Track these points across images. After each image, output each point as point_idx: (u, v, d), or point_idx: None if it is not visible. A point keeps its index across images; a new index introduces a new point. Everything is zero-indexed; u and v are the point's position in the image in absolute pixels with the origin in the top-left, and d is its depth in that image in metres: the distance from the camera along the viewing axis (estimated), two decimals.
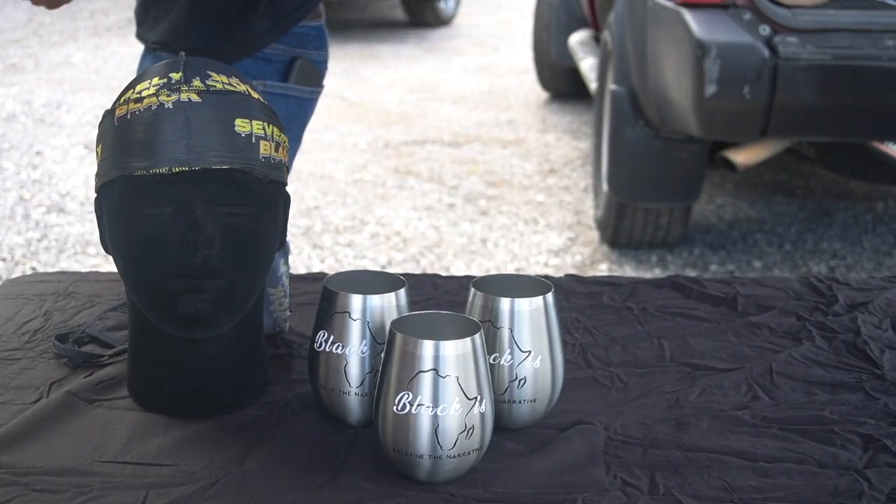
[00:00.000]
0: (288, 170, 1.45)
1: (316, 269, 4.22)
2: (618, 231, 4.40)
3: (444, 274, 1.89)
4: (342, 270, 1.45)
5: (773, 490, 1.19)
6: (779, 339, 1.56)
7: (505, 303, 1.28)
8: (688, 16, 3.74)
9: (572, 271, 4.12)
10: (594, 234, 4.65)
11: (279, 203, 1.35)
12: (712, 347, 1.53)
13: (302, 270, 4.12)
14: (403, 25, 9.97)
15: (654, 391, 1.41)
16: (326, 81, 1.80)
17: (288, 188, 1.37)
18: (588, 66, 5.36)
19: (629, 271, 4.25)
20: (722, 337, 1.57)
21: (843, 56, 3.62)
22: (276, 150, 1.33)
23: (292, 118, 1.70)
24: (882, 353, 1.51)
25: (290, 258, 4.32)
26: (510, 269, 4.27)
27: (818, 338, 1.56)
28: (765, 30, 3.67)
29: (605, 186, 4.43)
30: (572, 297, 1.70)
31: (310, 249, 4.49)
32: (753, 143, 4.05)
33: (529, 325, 1.28)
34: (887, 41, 3.65)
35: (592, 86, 5.07)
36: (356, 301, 1.29)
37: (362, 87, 7.53)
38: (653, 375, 1.45)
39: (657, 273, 4.24)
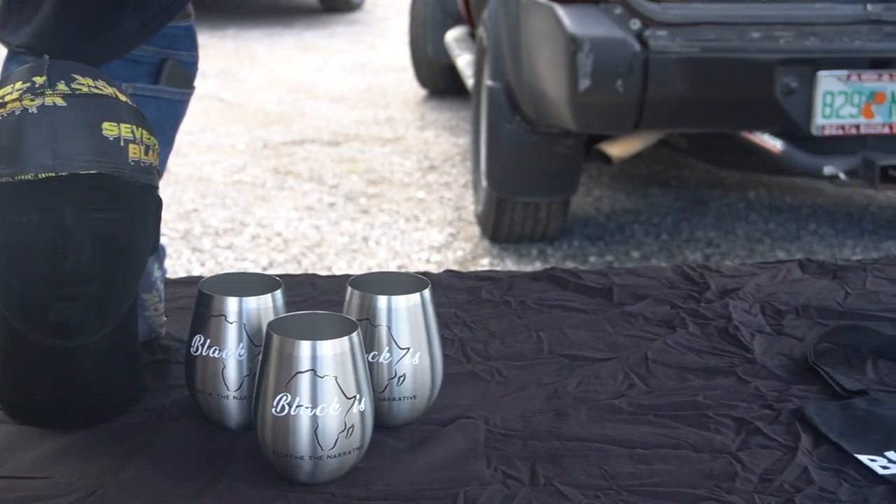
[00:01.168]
0: (160, 173, 1.43)
1: (196, 272, 4.17)
2: (498, 226, 4.44)
3: (326, 274, 1.88)
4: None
5: (650, 476, 1.21)
6: (653, 328, 1.59)
7: (382, 300, 1.28)
8: (560, 11, 3.78)
9: (454, 267, 4.14)
10: (475, 230, 4.68)
11: (150, 207, 1.34)
12: (589, 338, 1.56)
13: (182, 274, 4.07)
14: (282, 24, 9.90)
15: (533, 383, 1.42)
16: (202, 83, 1.78)
17: (164, 191, 1.35)
18: (464, 62, 5.39)
19: (510, 265, 4.29)
20: (598, 327, 1.59)
21: (711, 49, 3.70)
22: (146, 153, 1.31)
23: (164, 120, 1.67)
24: (753, 337, 1.55)
25: (169, 263, 4.26)
26: (392, 267, 4.28)
27: (691, 325, 1.59)
28: (635, 24, 3.73)
29: (484, 182, 4.46)
30: (451, 292, 1.71)
31: (189, 253, 4.44)
32: (628, 135, 4.12)
33: (407, 322, 1.29)
34: (753, 33, 3.74)
35: (469, 82, 5.10)
36: (232, 304, 1.27)
37: (239, 87, 7.45)
38: (531, 368, 1.47)
39: (538, 266, 4.29)
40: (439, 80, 7.02)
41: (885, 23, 3.82)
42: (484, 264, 4.32)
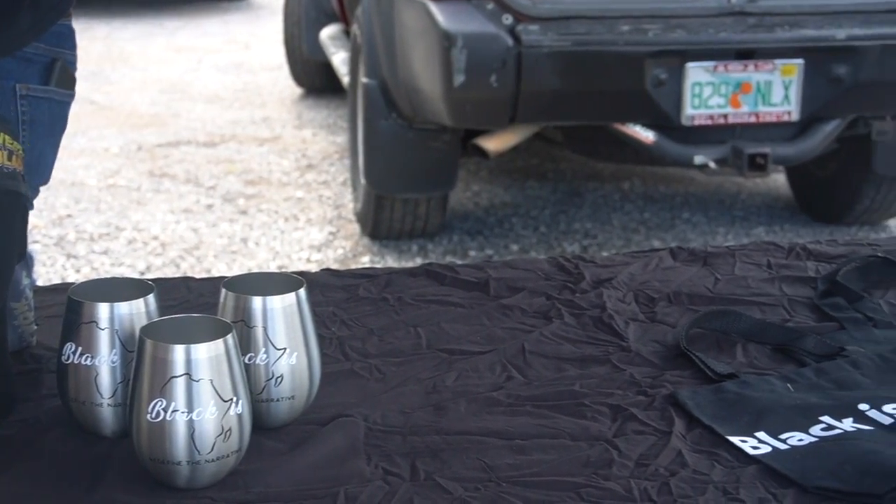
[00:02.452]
0: (47, 179, 1.39)
1: (71, 279, 4.09)
2: (378, 223, 4.44)
3: (205, 276, 1.86)
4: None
5: (529, 466, 1.22)
6: (530, 319, 1.61)
7: (257, 301, 1.27)
8: (433, 7, 3.80)
9: (335, 265, 4.13)
10: (355, 228, 4.68)
11: (15, 214, 1.31)
12: (467, 332, 1.57)
13: (57, 281, 3.98)
14: (154, 24, 9.74)
15: (412, 379, 1.43)
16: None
17: (36, 197, 1.32)
18: (340, 60, 5.38)
19: (391, 262, 4.30)
20: (476, 321, 1.60)
21: (582, 42, 3.75)
22: (9, 158, 1.28)
23: (55, 122, 1.61)
24: (627, 325, 1.58)
25: (43, 270, 4.16)
26: (272, 267, 4.25)
27: (567, 315, 1.61)
28: (508, 19, 3.77)
29: (362, 179, 4.45)
30: (328, 291, 1.71)
31: (64, 260, 4.35)
32: (503, 130, 4.15)
33: (283, 322, 1.28)
34: (622, 26, 3.80)
35: (345, 80, 5.09)
36: (103, 310, 1.25)
37: (111, 89, 7.32)
38: (410, 364, 1.47)
39: (418, 262, 4.30)
40: (315, 79, 7.00)
41: (749, 14, 3.91)
42: (364, 262, 4.32)
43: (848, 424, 1.28)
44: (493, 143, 4.17)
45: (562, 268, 1.79)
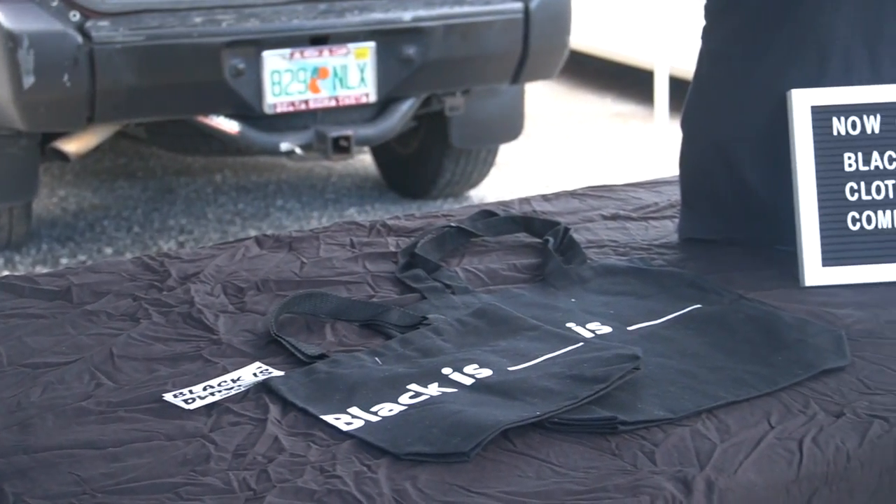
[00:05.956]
0: None
1: None
2: None
3: None
4: None
5: (124, 473, 1.20)
6: (117, 323, 1.56)
7: None
8: None
9: None
10: None
11: None
12: (51, 343, 1.50)
13: None
14: None
15: None
16: None
17: None
18: None
19: None
20: (60, 330, 1.54)
21: (155, 36, 3.69)
22: None
23: None
24: (217, 318, 1.57)
25: None
26: None
27: (155, 314, 1.58)
28: (75, 16, 3.65)
29: None
30: None
31: None
32: (83, 130, 4.02)
33: None
34: (195, 18, 3.77)
35: None
36: None
37: None
38: None
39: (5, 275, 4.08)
40: None
41: (320, 1, 3.99)
42: None
43: (434, 389, 1.34)
44: (74, 145, 4.03)
45: (147, 267, 1.76)
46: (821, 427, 1.28)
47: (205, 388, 1.36)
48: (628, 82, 6.69)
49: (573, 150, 5.66)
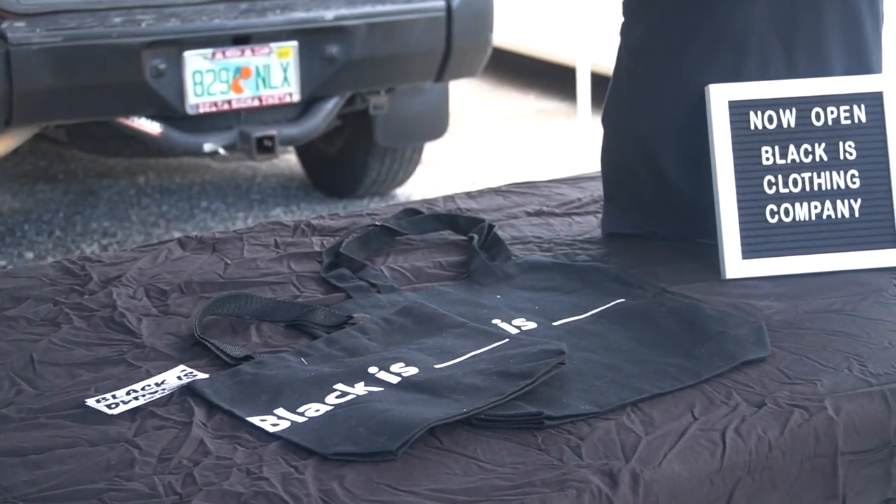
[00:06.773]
0: None
1: None
2: None
3: None
4: None
5: (47, 480, 1.18)
6: (37, 328, 1.54)
7: None
8: None
9: None
10: None
11: None
12: None
13: None
14: None
15: None
16: None
17: None
18: None
19: None
20: None
21: (74, 37, 3.65)
22: None
23: None
24: (140, 321, 1.55)
25: None
26: None
27: (76, 319, 1.56)
28: None
29: None
30: None
31: None
32: (1, 133, 3.95)
33: None
34: (115, 18, 3.73)
35: None
36: None
37: None
38: None
39: None
40: None
41: (241, 0, 3.96)
42: None
43: (360, 388, 1.34)
44: None
45: (68, 271, 1.73)
46: (743, 417, 1.30)
47: (128, 393, 1.35)
48: (551, 79, 6.73)
49: (497, 148, 5.68)
